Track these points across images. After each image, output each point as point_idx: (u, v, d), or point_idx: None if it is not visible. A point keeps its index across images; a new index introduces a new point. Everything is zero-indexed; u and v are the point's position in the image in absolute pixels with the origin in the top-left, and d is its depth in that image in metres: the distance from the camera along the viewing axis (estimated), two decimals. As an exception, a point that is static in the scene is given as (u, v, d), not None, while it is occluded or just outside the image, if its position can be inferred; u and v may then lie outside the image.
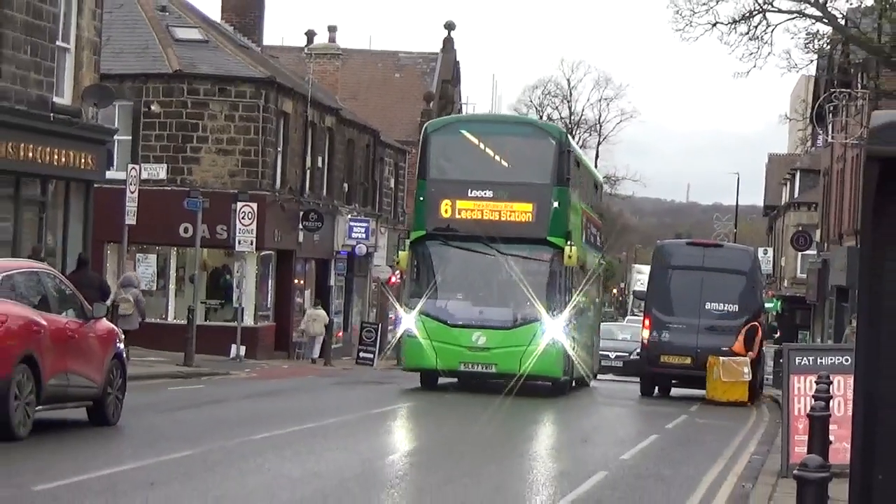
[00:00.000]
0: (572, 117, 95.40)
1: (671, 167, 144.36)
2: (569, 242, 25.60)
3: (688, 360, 31.54)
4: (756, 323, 32.78)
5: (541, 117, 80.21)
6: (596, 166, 63.43)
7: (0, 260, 19.57)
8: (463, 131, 26.83)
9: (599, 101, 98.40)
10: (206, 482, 13.60)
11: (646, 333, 33.12)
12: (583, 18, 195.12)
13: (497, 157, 26.80)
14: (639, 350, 35.53)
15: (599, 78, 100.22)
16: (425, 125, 27.04)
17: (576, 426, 25.04)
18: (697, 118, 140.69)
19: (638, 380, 35.17)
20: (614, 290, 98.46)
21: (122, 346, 19.74)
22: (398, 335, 28.30)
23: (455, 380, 29.73)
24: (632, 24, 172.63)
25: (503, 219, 24.89)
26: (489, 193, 25.00)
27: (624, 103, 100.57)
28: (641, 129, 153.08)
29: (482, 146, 26.72)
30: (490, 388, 27.14)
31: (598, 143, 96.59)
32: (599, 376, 37.44)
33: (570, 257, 23.36)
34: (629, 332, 42.80)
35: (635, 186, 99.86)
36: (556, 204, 25.05)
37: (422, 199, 25.84)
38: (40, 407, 15.94)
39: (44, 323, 15.89)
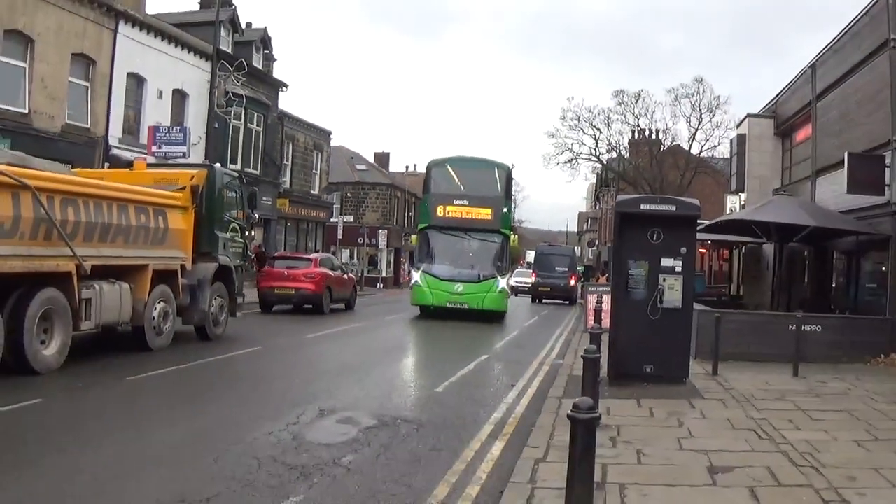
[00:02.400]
0: None
1: (545, 218, 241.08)
2: (511, 233, 39.16)
3: (549, 290, 58.85)
4: (574, 274, 62.23)
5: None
6: None
7: (316, 254, 42.31)
8: (447, 165, 38.24)
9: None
10: (352, 338, 25.75)
11: (533, 279, 61.04)
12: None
13: (470, 181, 37.53)
14: (531, 283, 62.26)
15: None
16: (428, 162, 39.16)
17: (493, 328, 35.77)
18: (556, 200, 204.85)
19: (530, 296, 61.51)
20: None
21: (355, 283, 42.77)
22: (411, 284, 39.25)
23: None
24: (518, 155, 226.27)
25: (474, 217, 36.41)
26: (466, 202, 36.63)
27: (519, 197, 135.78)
28: (527, 207, 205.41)
29: (462, 174, 37.90)
30: (463, 316, 36.31)
31: None
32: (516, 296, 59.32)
33: (513, 242, 38.03)
34: (527, 277, 67.08)
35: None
36: (504, 209, 37.03)
37: (426, 205, 37.52)
38: (332, 305, 36.77)
39: (331, 274, 36.48)
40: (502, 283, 35.62)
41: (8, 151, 17.83)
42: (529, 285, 63.74)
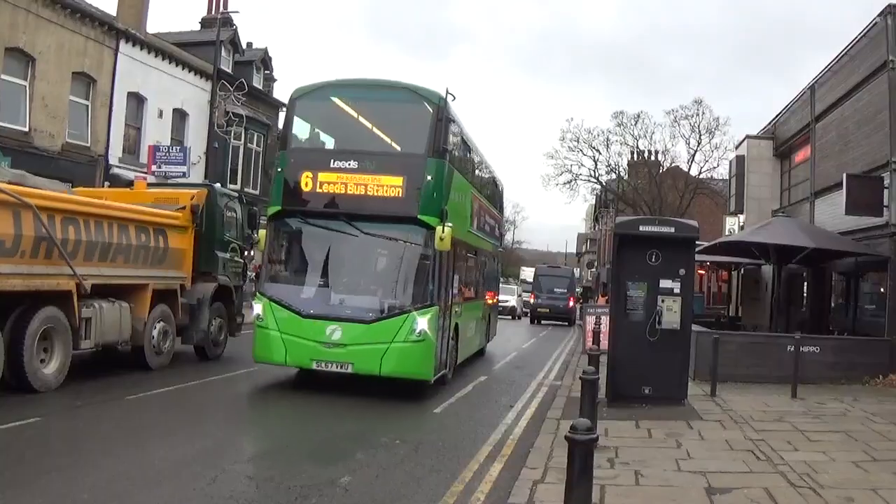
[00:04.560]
0: None
1: (547, 238, 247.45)
2: (444, 222, 18.95)
3: (548, 311, 58.03)
4: (573, 295, 62.04)
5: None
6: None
7: None
8: (333, 97, 20.81)
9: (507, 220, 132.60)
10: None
11: (533, 299, 60.11)
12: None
13: (365, 125, 21.18)
14: (512, 301, 62.42)
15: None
16: (292, 91, 21.23)
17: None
18: (555, 221, 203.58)
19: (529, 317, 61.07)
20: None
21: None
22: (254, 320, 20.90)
23: None
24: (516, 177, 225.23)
25: (369, 193, 19.25)
26: (353, 164, 19.39)
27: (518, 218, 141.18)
28: (526, 227, 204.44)
29: (351, 112, 21.04)
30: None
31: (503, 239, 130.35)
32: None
33: (441, 239, 18.08)
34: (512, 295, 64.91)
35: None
36: (429, 177, 19.10)
37: (280, 170, 20.02)
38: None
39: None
40: (423, 322, 18.03)
41: (9, 170, 17.88)
42: (512, 305, 62.40)
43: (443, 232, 18.20)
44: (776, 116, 35.96)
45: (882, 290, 23.27)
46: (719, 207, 54.18)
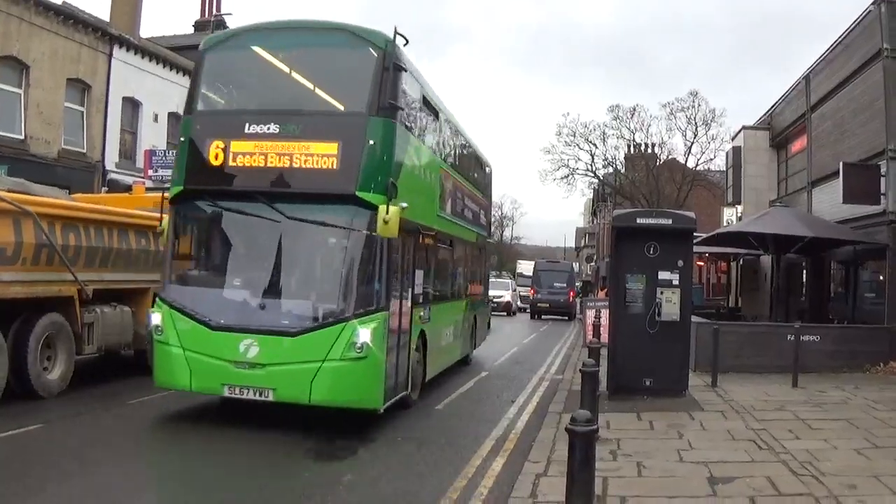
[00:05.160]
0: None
1: (543, 234, 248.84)
2: (394, 202, 14.53)
3: (548, 306, 57.70)
4: (573, 289, 60.67)
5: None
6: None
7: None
8: (253, 47, 16.16)
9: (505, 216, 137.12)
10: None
11: (532, 294, 59.02)
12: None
13: (292, 78, 16.20)
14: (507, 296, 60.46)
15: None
16: (202, 42, 16.82)
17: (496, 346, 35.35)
18: (554, 216, 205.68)
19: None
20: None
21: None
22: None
23: None
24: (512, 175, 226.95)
25: (296, 166, 14.76)
26: (274, 128, 14.93)
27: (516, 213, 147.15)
28: (524, 223, 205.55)
29: (275, 64, 16.20)
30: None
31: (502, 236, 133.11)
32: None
33: (385, 223, 14.14)
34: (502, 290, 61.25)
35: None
36: (371, 142, 14.69)
37: (183, 140, 15.66)
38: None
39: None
40: (365, 333, 13.71)
41: (7, 178, 17.86)
42: (506, 301, 60.51)
43: (387, 213, 13.58)
44: (772, 107, 35.98)
45: (881, 277, 23.30)
46: (717, 199, 54.40)
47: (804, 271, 31.06)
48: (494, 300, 52.13)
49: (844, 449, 11.71)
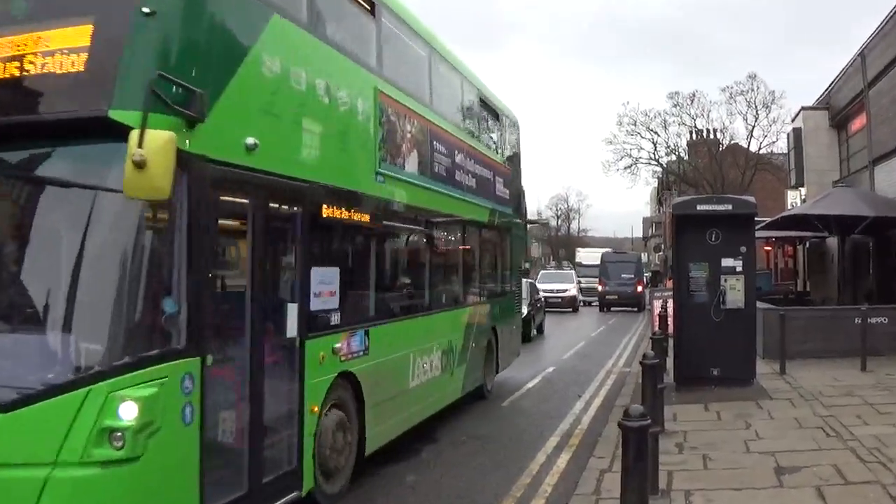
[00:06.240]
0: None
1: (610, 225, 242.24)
2: (205, 129, 7.30)
3: (616, 297, 56.17)
4: (641, 280, 59.24)
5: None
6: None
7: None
8: None
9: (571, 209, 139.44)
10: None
11: (601, 286, 57.41)
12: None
13: None
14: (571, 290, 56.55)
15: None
16: None
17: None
18: (620, 207, 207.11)
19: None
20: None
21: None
22: None
23: None
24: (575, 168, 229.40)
25: (16, 74, 7.15)
26: None
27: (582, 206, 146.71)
28: (591, 215, 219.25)
29: None
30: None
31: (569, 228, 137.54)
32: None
33: (138, 164, 6.34)
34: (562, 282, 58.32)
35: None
36: (147, 10, 6.95)
37: None
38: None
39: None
40: (130, 409, 6.42)
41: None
42: (571, 296, 55.27)
43: (140, 143, 6.47)
44: (829, 86, 35.52)
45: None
46: (782, 182, 53.77)
47: (870, 252, 30.63)
48: (555, 295, 52.12)
49: (914, 433, 11.51)
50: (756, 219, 17.89)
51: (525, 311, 27.27)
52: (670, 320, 19.56)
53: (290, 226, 9.24)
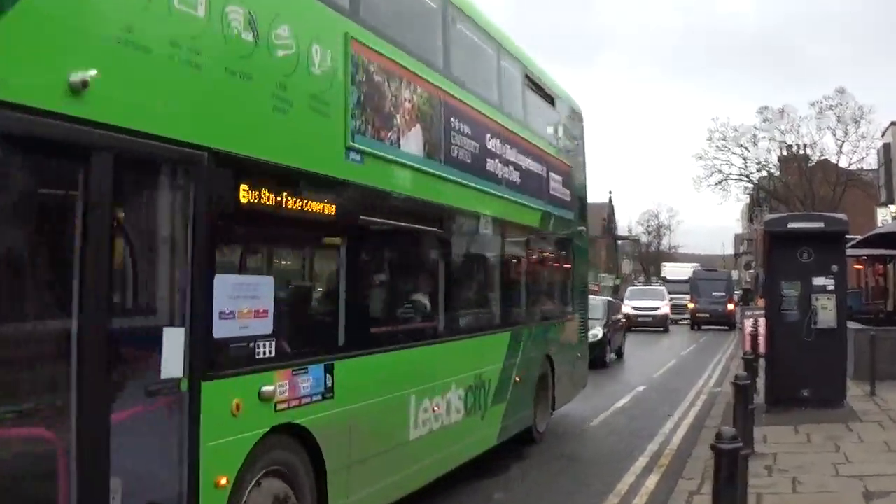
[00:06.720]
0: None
1: (701, 242, 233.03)
2: None
3: (708, 316, 55.85)
4: (732, 298, 58.61)
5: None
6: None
7: None
8: None
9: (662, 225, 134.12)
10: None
11: (693, 304, 56.67)
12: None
13: None
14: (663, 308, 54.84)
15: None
16: None
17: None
18: (708, 224, 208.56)
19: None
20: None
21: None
22: None
23: None
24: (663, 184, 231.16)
25: None
26: None
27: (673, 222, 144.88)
28: (682, 231, 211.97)
29: None
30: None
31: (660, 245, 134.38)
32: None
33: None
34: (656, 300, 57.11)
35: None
36: None
37: None
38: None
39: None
40: None
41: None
42: (663, 314, 52.43)
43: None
44: (923, 100, 34.99)
45: None
46: (872, 199, 52.90)
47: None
48: (645, 314, 50.65)
49: None
50: (847, 236, 17.71)
51: (600, 332, 26.36)
52: (761, 339, 19.41)
53: (170, 212, 6.14)
